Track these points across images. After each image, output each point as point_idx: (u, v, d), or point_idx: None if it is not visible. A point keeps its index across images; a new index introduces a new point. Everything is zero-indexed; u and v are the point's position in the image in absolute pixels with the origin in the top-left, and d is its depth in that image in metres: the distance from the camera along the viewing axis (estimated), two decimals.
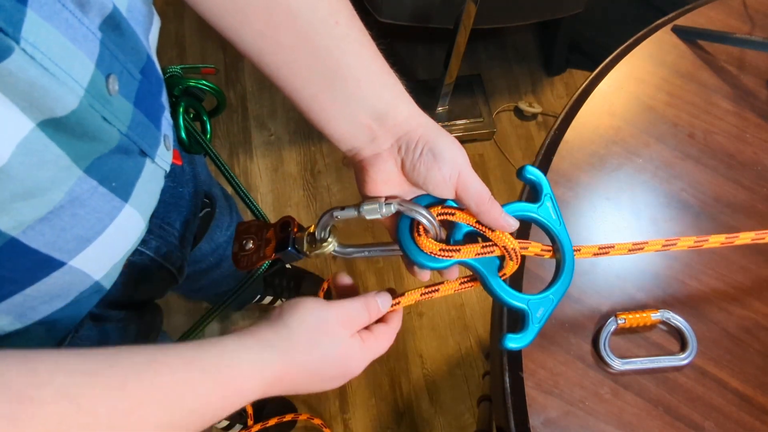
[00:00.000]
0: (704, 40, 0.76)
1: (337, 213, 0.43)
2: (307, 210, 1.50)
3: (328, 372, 0.40)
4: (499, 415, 0.55)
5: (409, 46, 1.72)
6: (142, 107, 0.39)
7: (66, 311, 0.42)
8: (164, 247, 0.55)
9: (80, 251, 0.38)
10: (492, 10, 1.38)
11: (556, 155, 0.66)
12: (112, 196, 0.38)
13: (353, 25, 0.42)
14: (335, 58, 0.40)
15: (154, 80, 0.42)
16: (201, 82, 0.58)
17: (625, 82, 0.73)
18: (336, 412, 1.28)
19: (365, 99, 0.41)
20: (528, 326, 0.42)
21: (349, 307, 0.41)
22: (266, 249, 0.45)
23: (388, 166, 0.42)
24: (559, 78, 1.74)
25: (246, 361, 0.35)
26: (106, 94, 0.34)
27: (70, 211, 0.35)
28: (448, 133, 0.42)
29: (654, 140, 0.69)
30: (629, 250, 0.48)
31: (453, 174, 0.41)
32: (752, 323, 0.59)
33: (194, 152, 0.58)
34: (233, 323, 1.35)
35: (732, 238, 0.53)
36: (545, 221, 0.45)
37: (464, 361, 1.35)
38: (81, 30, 0.31)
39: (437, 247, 0.41)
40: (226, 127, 1.58)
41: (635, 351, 0.56)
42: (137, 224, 0.44)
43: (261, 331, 0.37)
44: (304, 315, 0.39)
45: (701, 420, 0.54)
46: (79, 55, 0.31)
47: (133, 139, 0.38)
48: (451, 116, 1.58)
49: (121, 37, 0.35)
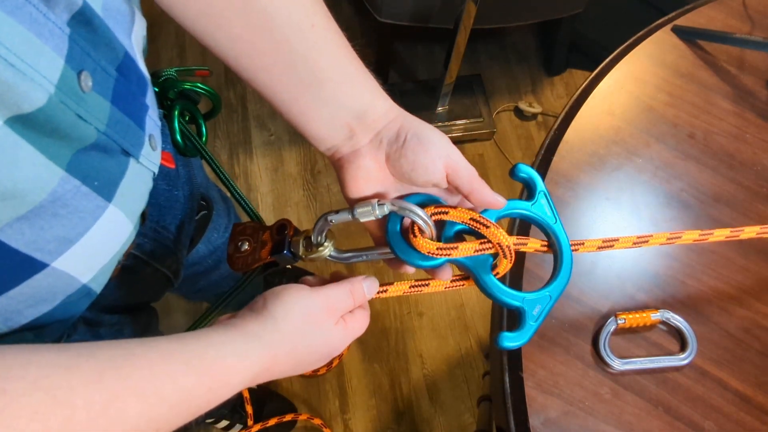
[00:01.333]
0: (704, 40, 0.76)
1: (332, 217, 0.43)
2: (307, 210, 1.50)
3: (313, 357, 0.40)
4: (499, 415, 0.55)
5: (409, 46, 1.72)
6: (121, 106, 0.38)
7: (54, 315, 0.41)
8: (159, 251, 0.54)
9: (63, 252, 0.37)
10: (492, 10, 1.38)
11: (556, 155, 0.66)
12: (95, 195, 0.38)
13: (329, 27, 0.42)
14: (312, 61, 0.41)
15: (134, 79, 0.41)
16: (196, 85, 0.58)
17: (625, 82, 0.73)
18: (336, 412, 1.28)
19: (344, 100, 0.42)
20: (525, 325, 0.41)
21: (334, 293, 0.41)
22: (262, 251, 0.45)
23: (366, 162, 0.43)
24: (559, 78, 1.74)
25: (231, 353, 0.35)
26: (78, 90, 0.33)
27: (50, 210, 0.34)
28: (428, 123, 0.43)
29: (654, 140, 0.69)
30: (633, 243, 0.48)
31: (441, 155, 0.41)
32: (752, 323, 0.59)
33: (190, 155, 0.58)
34: None
35: (737, 232, 0.53)
36: (540, 218, 0.45)
37: (464, 361, 1.35)
38: (47, 25, 0.30)
39: (434, 246, 0.41)
40: (226, 127, 1.58)
41: (635, 351, 0.56)
42: (123, 225, 0.43)
43: (246, 323, 0.37)
44: (289, 305, 0.38)
45: (701, 420, 0.54)
46: (46, 50, 0.30)
47: (112, 137, 0.38)
48: (451, 116, 1.58)
49: (93, 33, 0.35)
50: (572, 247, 0.45)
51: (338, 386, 1.31)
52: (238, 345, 0.36)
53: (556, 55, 1.70)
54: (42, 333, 0.41)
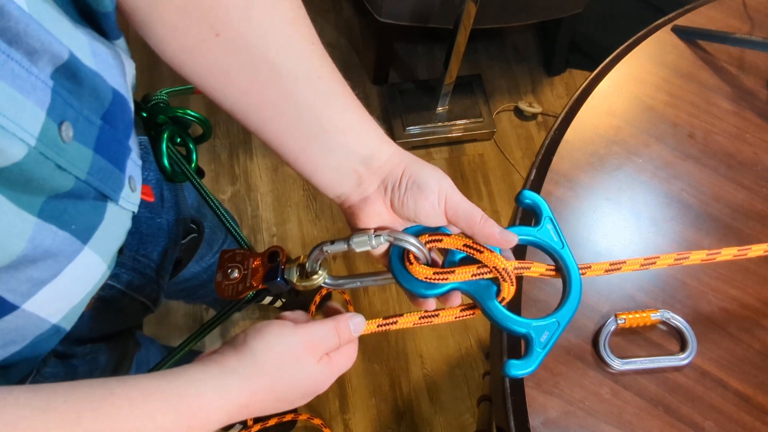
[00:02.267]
0: (704, 40, 0.76)
1: (327, 247, 0.43)
2: (306, 210, 1.50)
3: (295, 394, 0.40)
4: (499, 415, 0.55)
5: (409, 46, 1.72)
6: (104, 152, 0.38)
7: (22, 354, 0.40)
8: (137, 280, 0.53)
9: (34, 294, 0.37)
10: (492, 10, 1.38)
11: (556, 155, 0.66)
12: (73, 239, 0.37)
13: (334, 77, 0.42)
14: (319, 112, 0.41)
15: (120, 125, 0.40)
16: (187, 112, 0.57)
17: (625, 82, 0.73)
18: (336, 412, 1.28)
19: (351, 147, 0.42)
20: (532, 352, 0.41)
21: (317, 331, 0.40)
22: (253, 279, 0.45)
23: (376, 207, 0.43)
24: (559, 78, 1.74)
25: (211, 390, 0.35)
26: (59, 141, 0.33)
27: (31, 256, 0.34)
28: (429, 163, 0.43)
29: (654, 140, 0.69)
30: (641, 265, 0.47)
31: (440, 200, 0.41)
32: (752, 323, 0.59)
33: (178, 181, 0.56)
34: (233, 323, 1.35)
35: (744, 251, 0.52)
36: (546, 244, 0.44)
37: (464, 361, 1.35)
38: (29, 80, 0.30)
39: (430, 271, 0.41)
40: (226, 127, 1.58)
41: (635, 351, 0.56)
42: (97, 266, 0.43)
43: (225, 359, 0.37)
44: (270, 341, 0.38)
45: (701, 420, 0.54)
46: (28, 105, 0.30)
47: (92, 184, 0.37)
48: (451, 116, 1.58)
49: (78, 84, 0.34)
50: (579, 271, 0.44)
51: (338, 386, 1.31)
52: (217, 381, 0.35)
53: (556, 55, 1.70)
54: (8, 372, 0.41)
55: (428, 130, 1.56)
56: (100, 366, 0.56)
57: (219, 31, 0.38)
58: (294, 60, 0.40)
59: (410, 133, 1.55)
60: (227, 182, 1.52)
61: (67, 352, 0.50)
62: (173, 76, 1.78)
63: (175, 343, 1.27)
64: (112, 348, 0.59)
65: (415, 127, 1.55)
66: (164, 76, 1.57)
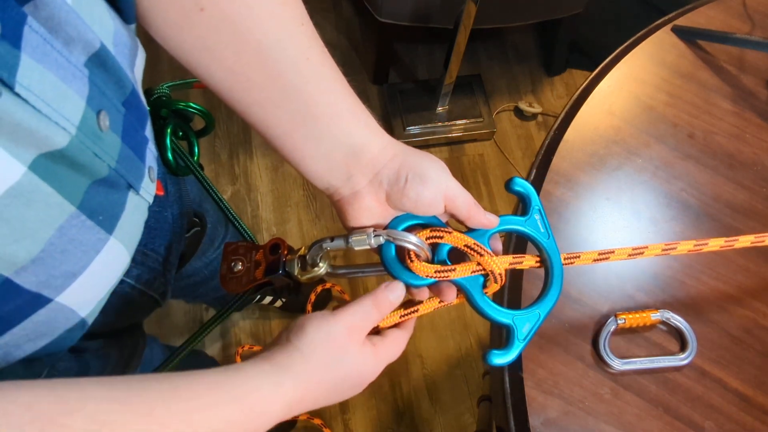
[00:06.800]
0: (704, 40, 0.76)
1: (327, 245, 0.43)
2: (307, 210, 1.50)
3: (346, 384, 0.40)
4: (499, 415, 0.55)
5: (409, 46, 1.72)
6: (128, 141, 0.38)
7: (49, 348, 0.41)
8: (146, 274, 0.53)
9: (67, 287, 0.37)
10: (492, 10, 1.38)
11: (556, 155, 0.66)
12: (99, 229, 0.38)
13: (324, 61, 0.41)
14: (307, 96, 0.40)
15: (136, 113, 0.41)
16: (189, 105, 0.57)
17: (625, 82, 0.73)
18: (336, 412, 1.28)
19: (339, 136, 0.41)
20: (513, 342, 0.42)
21: (356, 311, 0.40)
22: (256, 271, 0.45)
23: (366, 202, 0.42)
24: (559, 78, 1.74)
25: (267, 386, 0.35)
26: (97, 130, 0.33)
27: (60, 247, 0.35)
28: (426, 153, 0.43)
29: (654, 140, 0.69)
30: (629, 255, 0.48)
31: (441, 189, 0.41)
32: (752, 323, 0.59)
33: (181, 174, 0.56)
34: (233, 323, 1.35)
35: (731, 242, 0.53)
36: (533, 234, 0.45)
37: (464, 361, 1.35)
38: (69, 69, 0.30)
39: (432, 269, 0.41)
40: (226, 126, 1.58)
41: (635, 351, 0.56)
42: (122, 256, 0.43)
43: (275, 357, 0.37)
44: (311, 336, 0.38)
45: (701, 420, 0.54)
46: (70, 94, 0.30)
47: (120, 173, 0.38)
48: (451, 116, 1.58)
49: (107, 72, 0.35)
50: (568, 260, 0.45)
51: None
52: (271, 377, 0.36)
53: (556, 55, 1.70)
54: (32, 365, 0.41)
55: (428, 130, 1.56)
56: (112, 361, 0.56)
57: (203, 5, 0.37)
58: (281, 40, 0.39)
59: (410, 133, 1.55)
60: (227, 182, 1.52)
61: (80, 346, 0.51)
62: (173, 72, 1.77)
63: (175, 342, 1.27)
64: (122, 343, 0.59)
65: (415, 127, 1.55)
66: (164, 72, 1.57)
